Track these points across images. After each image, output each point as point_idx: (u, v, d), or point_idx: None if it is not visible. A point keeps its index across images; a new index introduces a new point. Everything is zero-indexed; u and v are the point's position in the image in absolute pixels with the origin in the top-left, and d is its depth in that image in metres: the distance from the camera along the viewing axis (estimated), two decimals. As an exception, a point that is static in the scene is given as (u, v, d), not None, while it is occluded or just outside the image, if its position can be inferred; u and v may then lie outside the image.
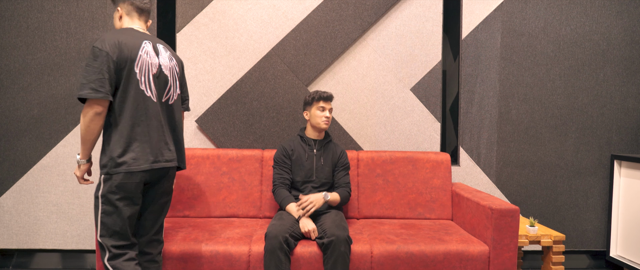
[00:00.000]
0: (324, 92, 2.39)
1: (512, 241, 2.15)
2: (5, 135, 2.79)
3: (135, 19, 1.88)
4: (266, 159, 2.66)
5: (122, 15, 1.87)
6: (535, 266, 2.99)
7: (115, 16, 1.90)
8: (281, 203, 2.34)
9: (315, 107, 2.40)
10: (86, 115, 1.67)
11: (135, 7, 1.87)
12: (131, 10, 1.87)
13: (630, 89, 2.97)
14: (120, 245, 1.75)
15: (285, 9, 2.84)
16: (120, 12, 1.87)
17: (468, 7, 2.90)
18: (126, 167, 1.71)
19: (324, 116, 2.39)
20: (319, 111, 2.39)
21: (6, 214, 2.82)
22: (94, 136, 1.70)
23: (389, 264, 2.12)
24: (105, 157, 1.72)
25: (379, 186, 2.68)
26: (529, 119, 2.95)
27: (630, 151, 2.99)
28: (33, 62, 2.78)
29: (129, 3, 1.86)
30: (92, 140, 1.71)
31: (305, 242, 2.14)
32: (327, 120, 2.39)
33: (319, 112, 2.39)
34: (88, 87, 1.64)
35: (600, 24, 2.94)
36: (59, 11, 2.78)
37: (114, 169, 1.70)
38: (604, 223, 2.99)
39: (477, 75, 2.93)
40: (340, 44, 2.85)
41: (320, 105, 2.39)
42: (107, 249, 1.74)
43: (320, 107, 2.39)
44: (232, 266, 2.08)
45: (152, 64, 1.81)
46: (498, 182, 2.95)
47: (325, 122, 2.39)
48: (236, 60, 2.84)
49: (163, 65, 1.86)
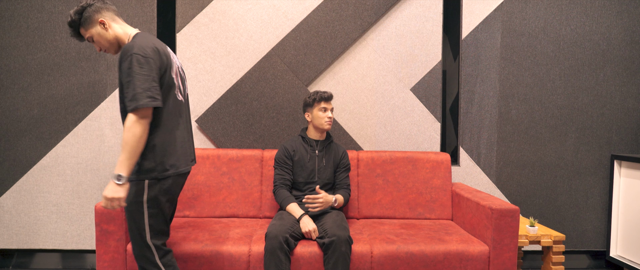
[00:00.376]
0: (325, 92, 2.38)
1: (512, 241, 2.15)
2: (5, 135, 2.79)
3: (121, 22, 1.81)
4: (266, 159, 2.66)
5: (108, 24, 1.74)
6: (535, 266, 2.99)
7: (98, 30, 1.74)
8: (282, 203, 2.34)
9: (317, 108, 2.39)
10: (141, 125, 1.61)
11: (113, 11, 1.79)
12: (113, 15, 1.77)
13: (630, 89, 2.97)
14: (164, 242, 1.79)
15: (285, 9, 2.84)
16: (106, 21, 1.74)
17: (468, 7, 2.90)
18: (175, 170, 1.74)
19: (327, 117, 2.38)
20: (321, 112, 2.38)
21: (6, 214, 2.82)
22: (143, 147, 1.64)
23: (389, 264, 2.12)
24: (151, 162, 1.69)
25: (379, 186, 2.68)
26: (529, 119, 2.95)
27: (630, 151, 2.99)
28: (33, 62, 2.78)
29: (106, 9, 1.75)
30: (141, 152, 1.64)
31: (306, 242, 2.14)
32: (329, 120, 2.39)
33: (321, 113, 2.38)
34: (145, 95, 1.60)
35: (600, 24, 2.94)
36: (59, 11, 2.78)
37: (163, 173, 1.71)
38: (604, 223, 2.99)
39: (477, 75, 2.93)
40: (340, 44, 2.85)
41: (322, 106, 2.38)
42: (157, 249, 1.76)
43: (322, 108, 2.38)
44: (232, 266, 2.08)
45: (177, 66, 1.85)
46: (498, 182, 2.95)
47: (328, 123, 2.39)
48: (236, 60, 2.84)
49: (178, 65, 1.88)
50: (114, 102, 2.81)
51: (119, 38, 1.77)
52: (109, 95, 2.82)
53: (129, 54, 1.62)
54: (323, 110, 2.38)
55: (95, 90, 2.81)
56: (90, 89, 2.81)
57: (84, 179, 2.82)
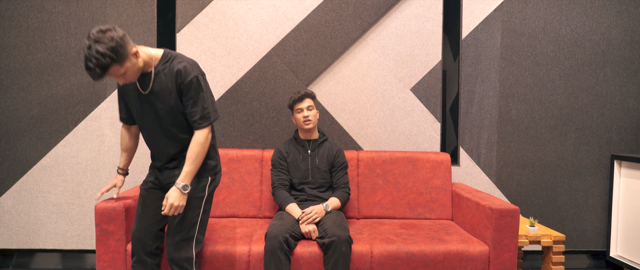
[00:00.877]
0: (296, 93, 2.40)
1: (512, 241, 2.15)
2: (5, 135, 2.79)
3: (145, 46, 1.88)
4: (266, 159, 2.67)
5: (137, 50, 1.69)
6: (535, 266, 2.99)
7: (132, 62, 1.66)
8: (281, 204, 2.34)
9: (295, 111, 2.42)
10: (208, 136, 1.83)
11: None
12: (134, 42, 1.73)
13: (630, 89, 2.97)
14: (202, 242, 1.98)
15: (285, 9, 2.84)
16: (136, 48, 1.68)
17: (468, 7, 2.90)
18: (219, 168, 1.99)
19: (302, 116, 2.39)
20: (297, 114, 2.41)
21: (6, 214, 2.82)
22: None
23: (389, 264, 2.12)
24: (213, 160, 1.93)
25: (379, 186, 2.68)
26: (529, 119, 2.95)
27: (630, 151, 2.99)
28: (33, 62, 2.78)
29: (128, 37, 1.67)
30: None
31: (306, 242, 2.14)
32: (306, 119, 2.39)
33: (298, 114, 2.41)
34: (213, 111, 1.84)
35: (600, 24, 2.94)
36: (59, 11, 2.78)
37: (217, 175, 1.97)
38: (604, 223, 2.99)
39: (477, 75, 2.93)
40: (340, 44, 2.85)
41: (297, 107, 2.40)
42: (199, 244, 1.92)
43: (297, 109, 2.41)
44: (232, 266, 2.08)
45: None
46: (498, 182, 2.95)
47: (306, 123, 2.39)
48: (236, 60, 2.84)
49: None
50: (114, 102, 2.81)
51: (146, 63, 1.76)
52: (109, 95, 2.82)
53: (191, 75, 1.75)
54: (299, 111, 2.40)
55: (95, 90, 2.81)
56: (90, 89, 2.81)
57: (84, 179, 2.82)
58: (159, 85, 1.77)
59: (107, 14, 2.79)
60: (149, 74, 1.78)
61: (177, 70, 1.75)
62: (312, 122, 2.40)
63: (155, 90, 1.78)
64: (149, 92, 1.79)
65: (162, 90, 1.77)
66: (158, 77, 1.77)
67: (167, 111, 1.80)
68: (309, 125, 2.39)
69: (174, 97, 1.78)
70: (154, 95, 1.79)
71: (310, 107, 2.40)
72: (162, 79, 1.77)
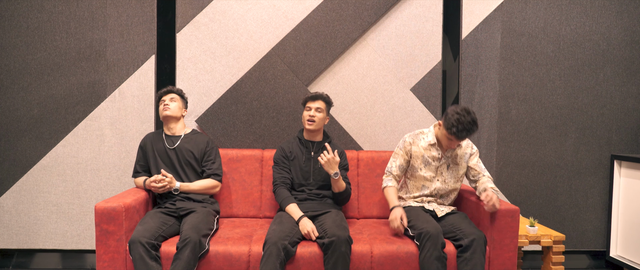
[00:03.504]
0: (315, 92, 2.43)
1: (512, 241, 2.15)
2: (5, 135, 2.79)
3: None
4: (266, 158, 2.66)
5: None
6: (535, 266, 2.99)
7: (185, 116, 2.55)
8: (281, 204, 2.34)
9: (305, 108, 2.43)
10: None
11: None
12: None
13: (630, 89, 2.97)
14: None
15: (285, 9, 2.84)
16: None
17: (468, 7, 2.90)
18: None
19: (309, 115, 2.39)
20: (306, 111, 2.42)
21: (6, 214, 2.82)
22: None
23: (389, 264, 2.11)
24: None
25: (379, 186, 2.67)
26: (529, 119, 2.95)
27: (630, 151, 2.99)
28: (33, 62, 2.78)
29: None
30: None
31: (306, 242, 2.14)
32: (311, 119, 2.39)
33: (306, 112, 2.42)
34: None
35: (600, 24, 2.94)
36: (59, 11, 2.78)
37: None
38: (604, 223, 2.99)
39: (477, 75, 2.93)
40: (340, 44, 2.85)
41: (308, 105, 2.42)
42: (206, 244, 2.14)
43: (307, 107, 2.42)
44: (232, 266, 2.07)
45: None
46: (498, 182, 2.95)
47: (309, 122, 2.39)
48: (236, 60, 2.84)
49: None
50: (114, 103, 2.81)
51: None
52: (109, 95, 2.82)
53: (212, 142, 2.51)
54: (308, 109, 2.41)
55: (95, 90, 2.82)
56: (90, 89, 2.81)
57: (84, 179, 2.82)
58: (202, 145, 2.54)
59: (107, 14, 2.79)
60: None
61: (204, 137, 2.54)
62: (316, 124, 2.39)
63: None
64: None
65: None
66: None
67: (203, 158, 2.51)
68: (311, 126, 2.39)
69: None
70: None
71: (319, 109, 2.40)
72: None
